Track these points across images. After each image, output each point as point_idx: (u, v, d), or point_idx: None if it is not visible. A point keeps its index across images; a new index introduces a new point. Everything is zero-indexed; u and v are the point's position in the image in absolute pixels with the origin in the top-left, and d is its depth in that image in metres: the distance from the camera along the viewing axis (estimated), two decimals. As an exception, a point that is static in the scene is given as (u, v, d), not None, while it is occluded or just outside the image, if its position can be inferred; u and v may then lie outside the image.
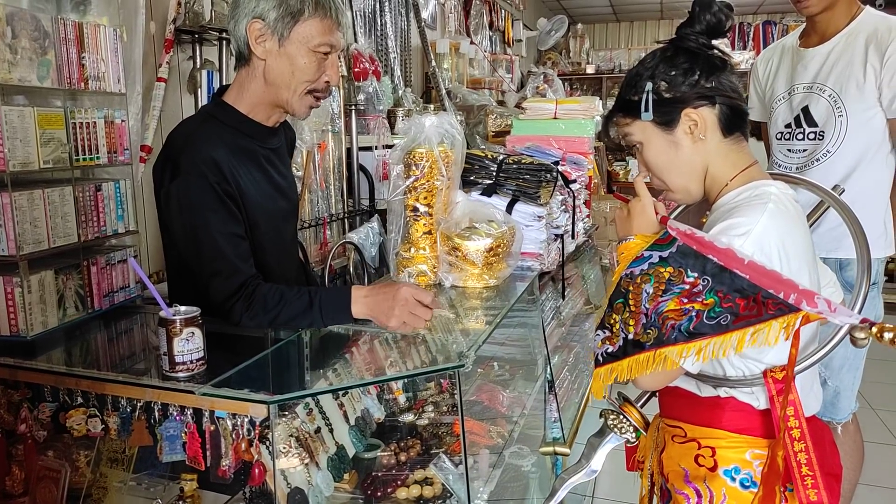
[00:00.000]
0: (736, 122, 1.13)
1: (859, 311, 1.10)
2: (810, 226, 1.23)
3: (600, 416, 1.27)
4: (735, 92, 1.14)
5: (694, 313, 0.95)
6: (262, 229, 1.40)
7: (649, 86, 1.12)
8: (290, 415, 1.10)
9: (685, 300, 0.97)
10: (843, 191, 1.28)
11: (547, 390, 1.94)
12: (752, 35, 8.07)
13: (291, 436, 1.07)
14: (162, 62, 2.06)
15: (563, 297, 2.24)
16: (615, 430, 1.22)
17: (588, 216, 2.69)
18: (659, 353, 0.97)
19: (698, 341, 0.95)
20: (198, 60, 2.18)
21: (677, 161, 1.15)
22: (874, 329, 0.85)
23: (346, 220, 2.79)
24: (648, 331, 0.99)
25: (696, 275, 0.97)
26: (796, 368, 1.05)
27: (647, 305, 1.00)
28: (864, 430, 2.17)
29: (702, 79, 1.11)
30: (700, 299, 0.96)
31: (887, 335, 0.84)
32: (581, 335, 2.61)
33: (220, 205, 1.29)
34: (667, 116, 1.13)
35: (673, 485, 1.15)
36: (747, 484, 1.08)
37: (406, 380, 1.43)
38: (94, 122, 1.37)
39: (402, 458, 1.35)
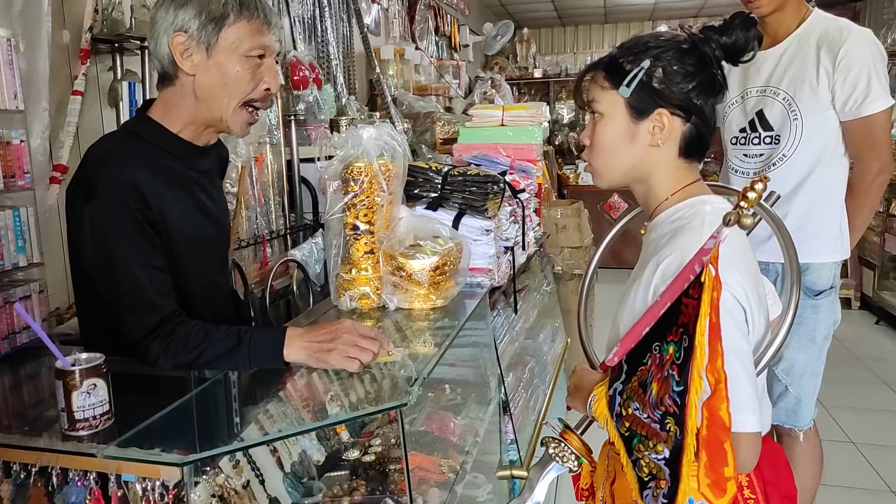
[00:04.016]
0: (695, 149, 1.07)
1: (792, 318, 1.11)
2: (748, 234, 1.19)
3: (541, 444, 1.21)
4: (711, 122, 1.07)
5: (671, 369, 0.91)
6: (188, 259, 1.27)
7: (647, 63, 1.03)
8: (213, 470, 0.98)
9: (660, 375, 0.93)
10: (779, 197, 1.24)
11: (501, 412, 1.85)
12: (693, 38, 8.21)
13: (214, 495, 0.95)
14: (77, 74, 1.90)
15: (516, 312, 2.16)
16: (557, 458, 1.17)
17: (539, 224, 2.63)
18: (690, 426, 0.89)
19: (692, 384, 0.88)
20: (118, 71, 2.03)
21: (624, 152, 1.08)
22: (742, 203, 0.83)
23: (287, 236, 2.65)
24: (667, 425, 0.92)
25: (648, 355, 0.96)
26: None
27: (648, 414, 0.96)
28: (819, 431, 2.15)
29: (694, 91, 1.03)
30: (666, 358, 0.92)
31: (751, 194, 0.83)
32: (535, 349, 2.54)
33: (138, 233, 1.16)
34: (642, 104, 1.04)
35: (627, 518, 1.08)
36: None
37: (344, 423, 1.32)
38: (-14, 144, 1.22)
39: (346, 502, 1.24)
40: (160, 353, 1.14)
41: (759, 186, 0.84)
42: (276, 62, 1.28)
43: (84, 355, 0.96)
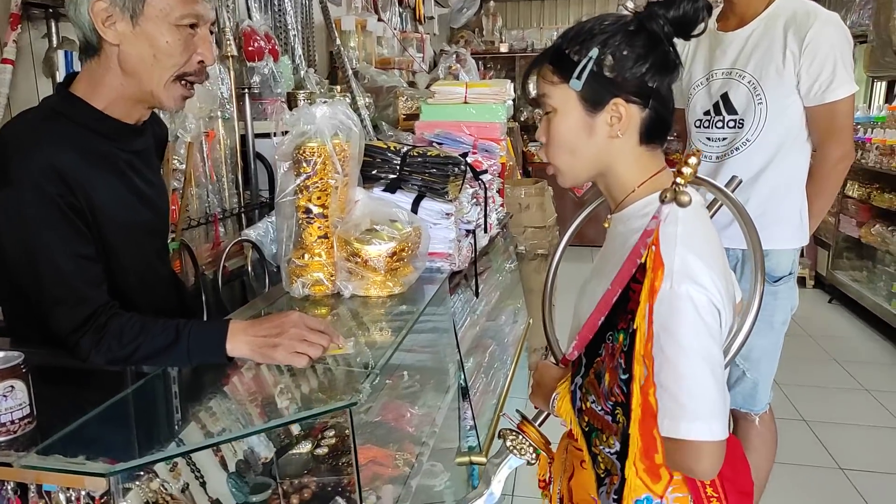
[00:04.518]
0: (656, 133, 1.02)
1: (757, 308, 1.08)
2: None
3: (499, 436, 1.20)
4: (670, 103, 1.02)
5: (620, 357, 0.88)
6: (121, 247, 1.18)
7: (595, 52, 0.96)
8: (147, 476, 0.92)
9: (612, 365, 0.90)
10: (741, 181, 1.21)
11: (461, 398, 1.82)
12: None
13: (147, 503, 0.89)
14: (7, 41, 1.77)
15: (477, 296, 2.12)
16: (514, 450, 1.15)
17: (502, 205, 2.58)
18: (634, 416, 0.87)
19: (634, 371, 0.86)
20: (54, 39, 1.89)
21: (583, 146, 1.02)
22: (678, 179, 0.81)
23: (242, 214, 2.55)
24: (617, 416, 0.91)
25: (602, 345, 0.95)
26: None
27: (601, 406, 0.94)
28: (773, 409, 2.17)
29: (648, 74, 0.97)
30: (617, 347, 0.90)
31: (686, 169, 0.81)
32: (496, 330, 2.51)
33: (62, 221, 1.07)
34: (596, 96, 0.98)
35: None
36: None
37: (288, 425, 1.26)
38: None
39: (295, 500, 1.19)
40: (91, 348, 1.06)
41: (692, 161, 0.80)
42: (211, 32, 1.19)
43: (0, 354, 0.88)
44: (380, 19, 4.52)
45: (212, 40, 1.19)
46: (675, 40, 0.99)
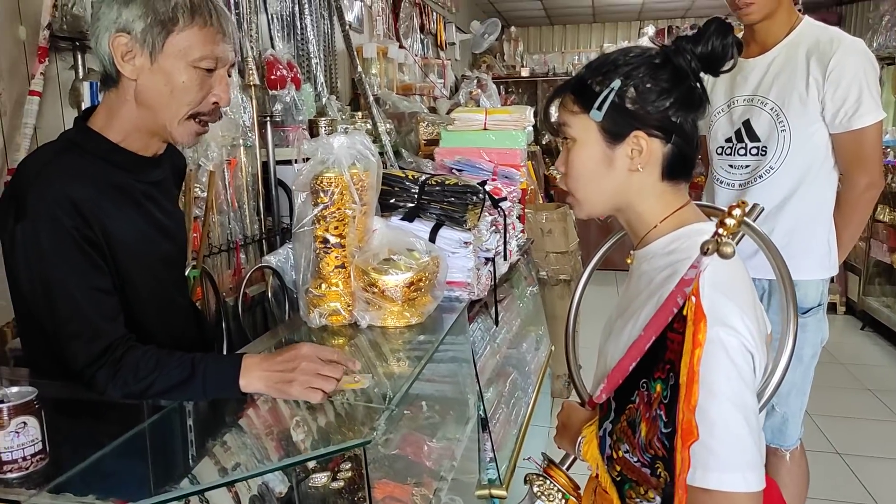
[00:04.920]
0: (679, 170, 0.99)
1: (791, 348, 1.05)
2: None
3: (525, 481, 1.16)
4: (694, 139, 1.00)
5: (659, 409, 0.84)
6: (138, 278, 1.18)
7: (617, 84, 0.95)
8: (158, 514, 0.90)
9: (648, 415, 0.86)
10: (762, 210, 1.18)
11: (480, 429, 1.78)
12: (681, 39, 8.14)
13: (157, 543, 0.87)
14: (35, 73, 1.81)
15: (497, 324, 2.09)
16: (542, 497, 1.11)
17: (522, 231, 2.56)
18: (682, 470, 0.81)
19: (679, 426, 0.82)
20: (80, 70, 1.93)
21: (602, 179, 1.00)
22: (720, 230, 0.76)
23: (263, 241, 2.56)
24: (658, 470, 0.85)
25: (636, 392, 0.90)
26: None
27: (637, 458, 0.89)
28: (803, 439, 2.09)
29: (672, 108, 0.95)
30: (654, 397, 0.86)
31: (730, 220, 0.76)
32: (518, 358, 2.47)
33: (78, 253, 1.07)
34: (616, 128, 0.96)
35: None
36: None
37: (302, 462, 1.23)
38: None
39: (310, 538, 1.16)
40: (107, 381, 1.06)
41: (737, 212, 0.78)
42: (229, 74, 1.20)
43: (14, 389, 0.88)
44: (401, 46, 4.57)
45: (229, 81, 1.19)
46: None
